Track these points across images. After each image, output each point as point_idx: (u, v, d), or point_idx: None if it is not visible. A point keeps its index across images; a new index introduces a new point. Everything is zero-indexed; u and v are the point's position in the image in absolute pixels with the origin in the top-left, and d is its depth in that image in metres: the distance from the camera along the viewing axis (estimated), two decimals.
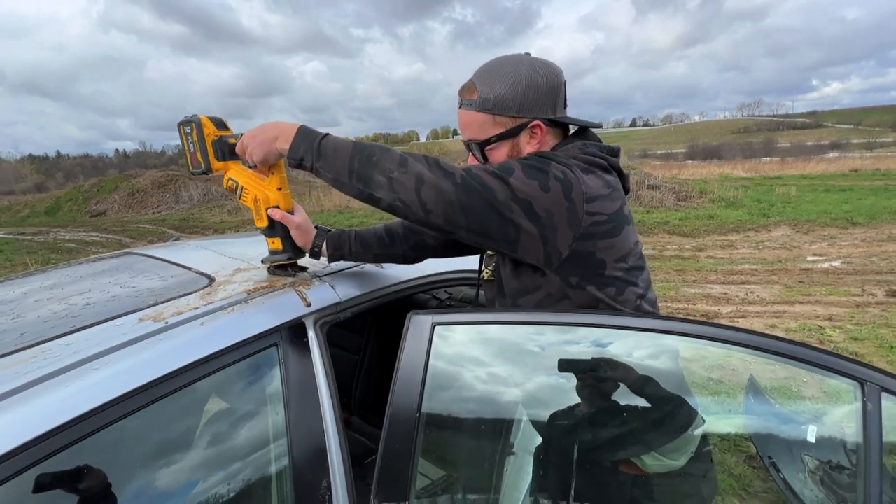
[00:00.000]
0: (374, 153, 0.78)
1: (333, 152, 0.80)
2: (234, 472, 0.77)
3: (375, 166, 0.77)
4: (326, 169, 0.80)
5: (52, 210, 21.48)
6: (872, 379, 0.70)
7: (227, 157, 0.97)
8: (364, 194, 0.79)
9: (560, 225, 0.77)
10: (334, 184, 0.81)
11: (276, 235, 0.99)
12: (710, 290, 4.91)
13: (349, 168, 0.79)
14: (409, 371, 0.79)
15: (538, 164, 0.78)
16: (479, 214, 0.75)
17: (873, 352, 3.25)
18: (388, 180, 0.76)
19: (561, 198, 0.76)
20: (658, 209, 9.85)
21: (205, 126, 0.94)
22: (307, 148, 0.82)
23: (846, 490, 1.35)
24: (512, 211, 0.75)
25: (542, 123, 0.86)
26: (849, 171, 17.69)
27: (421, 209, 0.75)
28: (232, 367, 0.76)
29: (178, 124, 0.97)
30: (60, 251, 10.35)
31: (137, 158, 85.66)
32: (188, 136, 0.96)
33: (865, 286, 4.72)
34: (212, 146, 0.95)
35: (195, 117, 0.95)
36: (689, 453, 0.82)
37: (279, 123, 0.87)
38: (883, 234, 7.19)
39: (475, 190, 0.74)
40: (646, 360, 0.80)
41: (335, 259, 1.05)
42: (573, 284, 0.81)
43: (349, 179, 0.79)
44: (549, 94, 0.86)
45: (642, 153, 71.93)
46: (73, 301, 0.92)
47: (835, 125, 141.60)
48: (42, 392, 0.61)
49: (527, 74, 0.84)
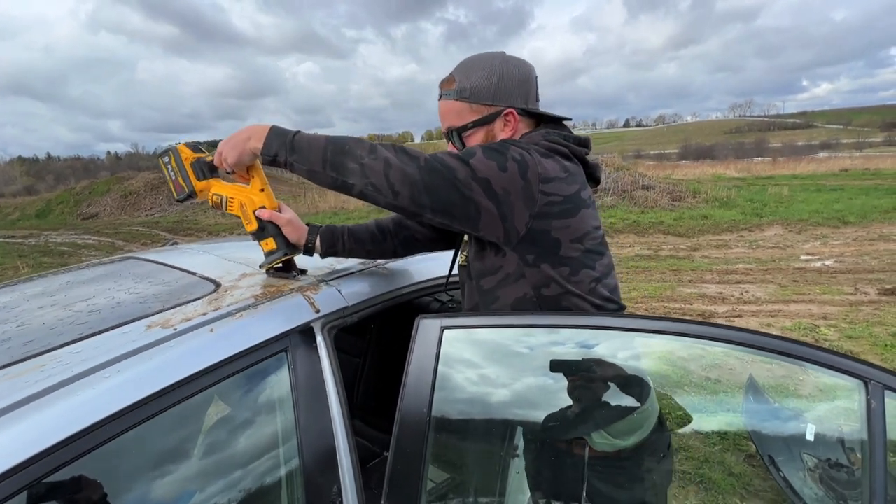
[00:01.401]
0: (346, 143, 0.83)
1: (308, 145, 0.84)
2: (246, 478, 0.76)
3: (348, 154, 0.81)
4: (301, 161, 0.84)
5: (43, 213, 21.23)
6: (876, 377, 0.71)
7: (208, 175, 1.00)
8: (338, 182, 0.83)
9: (516, 203, 0.81)
10: (308, 175, 0.85)
11: (267, 235, 1.01)
12: (706, 289, 4.95)
13: (323, 158, 0.82)
14: (418, 375, 0.79)
15: (497, 147, 0.83)
16: (441, 194, 0.80)
17: (868, 349, 3.29)
18: (359, 166, 0.80)
19: (517, 177, 0.81)
20: (653, 209, 9.92)
21: (181, 152, 0.99)
22: (280, 143, 0.85)
23: (845, 487, 1.37)
24: (472, 189, 0.80)
25: (514, 111, 0.93)
26: (839, 171, 17.93)
27: (390, 191, 0.79)
28: (242, 373, 0.76)
29: (157, 157, 1.02)
30: (52, 254, 10.23)
31: (130, 160, 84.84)
32: (167, 165, 1.00)
33: (858, 285, 4.78)
34: (191, 168, 0.99)
35: (171, 146, 1.00)
36: (638, 435, 0.86)
37: (251, 126, 0.91)
38: (874, 233, 7.29)
39: (437, 171, 0.79)
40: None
41: (328, 255, 1.07)
42: (529, 262, 0.86)
43: (323, 169, 0.82)
44: (522, 85, 0.94)
45: (636, 153, 72.41)
46: (77, 307, 0.92)
47: (825, 125, 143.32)
48: (54, 401, 0.60)
49: (500, 66, 0.93)
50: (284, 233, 1.01)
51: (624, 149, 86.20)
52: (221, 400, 0.80)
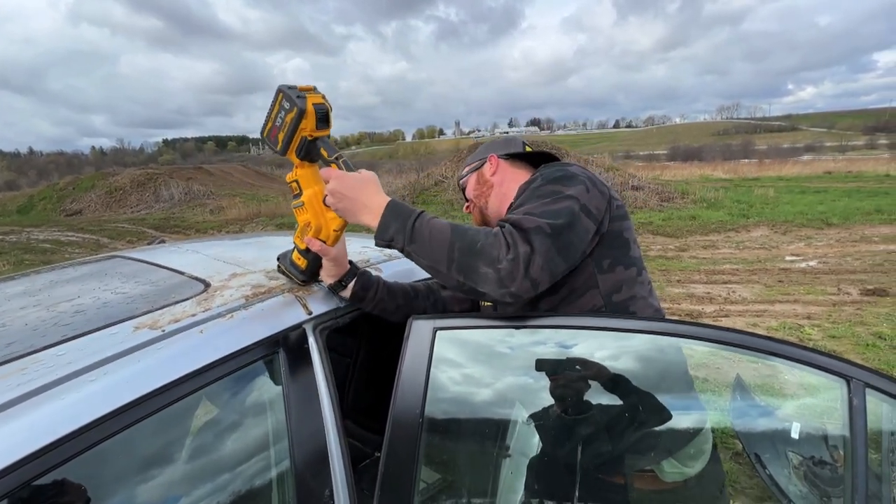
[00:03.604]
0: (478, 240, 0.73)
1: (429, 237, 0.75)
2: (237, 480, 0.75)
3: (480, 255, 0.72)
4: (420, 254, 0.76)
5: (25, 209, 20.74)
6: (857, 376, 0.73)
7: (304, 157, 0.86)
8: (465, 287, 0.74)
9: (605, 216, 0.84)
10: (429, 270, 0.77)
11: (307, 258, 0.93)
12: (694, 289, 5.02)
13: (448, 258, 0.73)
14: (410, 376, 0.79)
15: (560, 178, 0.85)
16: (574, 256, 0.78)
17: (850, 349, 3.36)
18: (495, 272, 0.70)
19: (595, 190, 0.84)
20: (642, 209, 10.03)
21: (306, 119, 0.81)
22: (398, 228, 0.76)
23: (828, 484, 1.40)
24: (587, 235, 0.80)
25: (495, 156, 1.08)
26: (823, 174, 18.29)
27: (532, 288, 0.72)
28: (232, 376, 0.75)
29: (279, 91, 0.82)
30: (34, 252, 10.00)
31: (115, 156, 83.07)
32: (282, 113, 0.82)
33: (841, 285, 4.89)
34: (299, 141, 0.84)
35: (302, 102, 0.80)
36: (704, 460, 0.82)
37: (370, 188, 0.80)
38: (856, 235, 7.45)
39: (564, 229, 0.75)
40: (652, 361, 0.82)
41: (355, 300, 0.97)
42: (604, 268, 0.85)
43: (448, 270, 0.74)
44: (504, 143, 1.14)
45: (625, 154, 73.18)
46: (61, 308, 0.90)
47: (809, 128, 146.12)
48: (36, 405, 0.59)
49: (487, 144, 1.15)
50: (325, 267, 0.94)
51: (614, 149, 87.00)
52: (211, 402, 0.79)
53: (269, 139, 0.86)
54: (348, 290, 0.96)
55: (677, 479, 0.81)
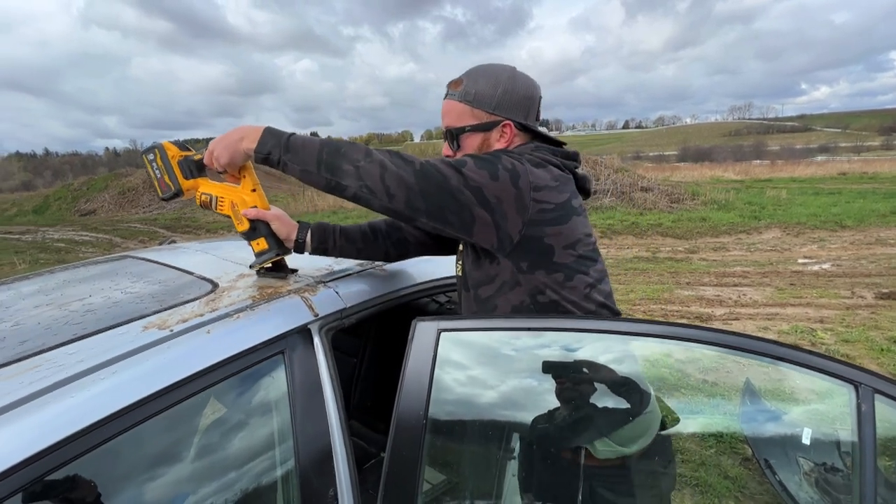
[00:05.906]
0: (342, 146, 0.84)
1: (302, 146, 0.85)
2: (243, 479, 0.76)
3: (343, 156, 0.82)
4: (294, 161, 0.84)
5: (41, 209, 21.16)
6: (866, 381, 0.71)
7: (196, 174, 0.98)
8: (332, 183, 0.83)
9: (510, 211, 0.83)
10: (301, 175, 0.85)
11: (259, 236, 1.00)
12: (704, 292, 4.96)
13: (318, 159, 0.83)
14: (414, 377, 0.79)
15: (489, 157, 0.86)
16: (436, 199, 0.81)
17: (864, 354, 3.30)
18: (354, 169, 0.81)
19: (509, 185, 0.83)
20: (651, 211, 9.94)
21: (168, 149, 0.96)
22: (275, 144, 0.86)
23: (840, 492, 1.37)
24: (465, 196, 0.82)
25: (512, 124, 0.95)
26: (837, 175, 17.97)
27: (385, 194, 0.81)
28: (239, 375, 0.76)
29: (141, 154, 0.98)
30: (49, 251, 10.20)
31: (128, 157, 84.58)
32: (152, 163, 0.96)
33: (855, 288, 4.80)
34: (178, 167, 0.96)
35: (156, 143, 0.97)
36: (642, 442, 0.86)
37: (244, 126, 0.91)
38: (871, 237, 7.31)
39: (432, 176, 0.81)
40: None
41: (318, 252, 1.05)
42: (524, 270, 0.87)
43: (317, 169, 0.83)
44: (524, 101, 0.96)
45: (635, 155, 72.61)
46: (73, 307, 0.91)
47: (823, 129, 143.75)
48: (48, 402, 0.60)
49: (507, 79, 0.95)
50: (273, 228, 1.00)
51: (623, 150, 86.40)
52: (218, 401, 0.80)
53: (164, 192, 0.97)
54: (308, 244, 1.04)
55: (610, 456, 0.85)
